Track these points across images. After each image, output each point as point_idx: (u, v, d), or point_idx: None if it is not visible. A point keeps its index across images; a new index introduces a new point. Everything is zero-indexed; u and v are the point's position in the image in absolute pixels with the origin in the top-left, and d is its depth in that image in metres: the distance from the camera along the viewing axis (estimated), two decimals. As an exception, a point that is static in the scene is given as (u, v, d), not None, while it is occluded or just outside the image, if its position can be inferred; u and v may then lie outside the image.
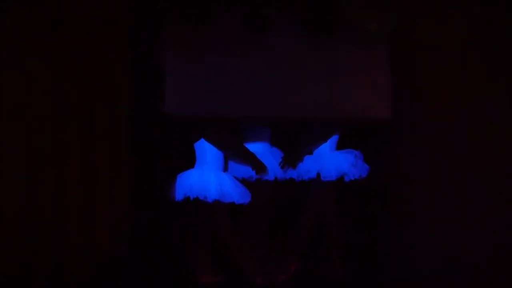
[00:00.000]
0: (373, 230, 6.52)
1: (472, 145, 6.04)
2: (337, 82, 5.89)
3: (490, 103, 6.00)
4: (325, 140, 6.41)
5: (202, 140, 6.13)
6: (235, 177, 6.20)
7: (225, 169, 6.25)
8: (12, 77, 5.46)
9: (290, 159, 6.33)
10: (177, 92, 5.65)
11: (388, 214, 6.38)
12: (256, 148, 6.36)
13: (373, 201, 6.55)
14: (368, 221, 6.58)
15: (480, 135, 6.01)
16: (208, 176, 6.06)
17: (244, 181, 6.24)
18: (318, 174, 6.36)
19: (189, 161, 6.18)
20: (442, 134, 6.12)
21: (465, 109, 6.05)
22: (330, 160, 6.37)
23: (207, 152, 6.15)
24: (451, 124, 6.10)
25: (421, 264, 6.00)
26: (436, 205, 6.08)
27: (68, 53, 5.52)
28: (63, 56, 5.51)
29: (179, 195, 6.02)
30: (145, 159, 5.82)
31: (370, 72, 5.92)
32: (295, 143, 6.37)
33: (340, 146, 6.51)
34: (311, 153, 6.45)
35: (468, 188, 6.02)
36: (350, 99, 5.89)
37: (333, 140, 6.48)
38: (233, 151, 6.10)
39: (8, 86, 5.47)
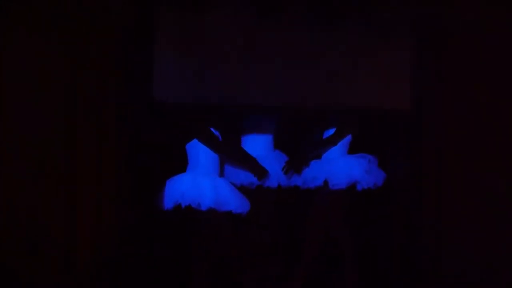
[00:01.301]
0: (389, 245, 6.35)
1: (507, 143, 5.99)
2: (352, 71, 5.82)
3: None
4: (335, 143, 6.21)
5: (195, 141, 5.95)
6: (232, 184, 6.05)
7: (221, 174, 6.09)
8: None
9: (295, 164, 6.14)
10: (166, 78, 5.63)
11: (406, 228, 6.20)
12: (257, 151, 6.24)
13: (390, 213, 6.37)
14: (384, 235, 6.41)
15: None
16: (202, 182, 5.86)
17: (242, 188, 6.09)
18: (326, 182, 6.13)
19: (180, 165, 6.02)
20: (469, 130, 6.01)
21: (493, 101, 5.99)
22: (340, 166, 6.16)
23: (200, 154, 5.95)
24: (480, 118, 6.02)
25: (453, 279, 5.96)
26: (468, 215, 5.95)
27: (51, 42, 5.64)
28: (48, 50, 5.63)
29: (168, 202, 5.83)
30: (132, 160, 5.82)
31: (389, 61, 5.85)
32: (301, 145, 6.28)
33: (352, 150, 6.30)
34: (319, 157, 6.25)
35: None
36: (367, 88, 5.82)
37: (344, 143, 6.26)
38: (230, 153, 6.02)
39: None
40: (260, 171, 6.01)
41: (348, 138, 6.24)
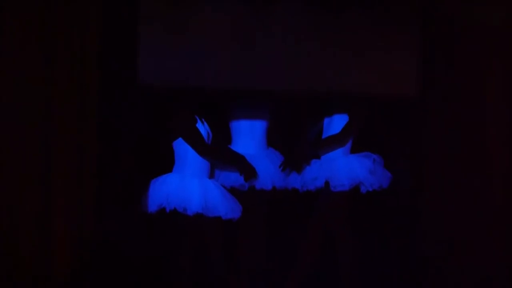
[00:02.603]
0: (394, 252, 6.27)
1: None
2: (358, 59, 5.71)
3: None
4: (342, 143, 6.10)
5: (183, 138, 6.03)
6: (223, 186, 5.98)
7: (211, 175, 5.98)
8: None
9: (294, 161, 6.02)
10: (153, 61, 5.54)
11: (413, 235, 6.02)
12: (249, 149, 6.17)
13: (396, 217, 6.27)
14: (389, 242, 6.33)
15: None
16: (189, 183, 5.78)
17: (234, 191, 5.99)
18: (327, 183, 5.99)
19: (167, 164, 5.95)
20: (481, 122, 5.81)
21: (498, 99, 5.82)
22: (342, 166, 6.05)
23: (189, 152, 5.83)
24: (484, 116, 5.83)
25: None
26: (471, 216, 5.76)
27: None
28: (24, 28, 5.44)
29: (152, 205, 5.75)
30: (115, 157, 5.69)
31: (396, 46, 5.77)
32: (301, 140, 6.14)
33: (355, 149, 6.18)
34: (319, 156, 6.12)
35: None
36: (372, 74, 5.70)
37: (347, 140, 6.34)
38: (215, 154, 5.91)
39: None
40: (247, 171, 5.83)
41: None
